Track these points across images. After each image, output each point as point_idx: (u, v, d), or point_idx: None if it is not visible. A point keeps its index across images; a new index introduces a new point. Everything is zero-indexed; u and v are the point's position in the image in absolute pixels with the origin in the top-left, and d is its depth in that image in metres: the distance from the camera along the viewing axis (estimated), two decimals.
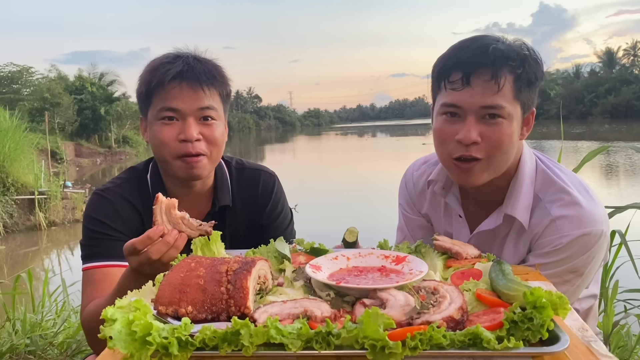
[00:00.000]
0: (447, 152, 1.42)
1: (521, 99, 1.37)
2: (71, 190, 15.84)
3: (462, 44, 1.40)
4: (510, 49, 1.35)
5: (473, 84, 1.33)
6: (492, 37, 1.40)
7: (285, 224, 1.81)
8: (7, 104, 24.60)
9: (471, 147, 1.36)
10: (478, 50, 1.34)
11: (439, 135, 1.43)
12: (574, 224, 1.37)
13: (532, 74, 1.36)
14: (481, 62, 1.33)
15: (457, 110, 1.37)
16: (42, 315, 3.39)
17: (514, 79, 1.34)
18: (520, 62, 1.34)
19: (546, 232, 1.41)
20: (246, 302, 0.93)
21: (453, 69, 1.36)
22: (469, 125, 1.35)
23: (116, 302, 0.89)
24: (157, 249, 1.20)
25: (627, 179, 17.02)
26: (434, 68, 1.45)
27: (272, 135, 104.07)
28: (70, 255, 10.73)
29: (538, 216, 1.44)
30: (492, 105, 1.33)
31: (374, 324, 0.78)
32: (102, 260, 1.52)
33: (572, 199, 1.41)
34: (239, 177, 1.75)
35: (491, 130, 1.36)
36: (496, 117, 1.35)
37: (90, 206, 1.61)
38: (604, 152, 3.47)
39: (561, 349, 0.79)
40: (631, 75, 77.70)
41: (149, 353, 0.79)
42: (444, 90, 1.39)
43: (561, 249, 1.37)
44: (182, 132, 1.50)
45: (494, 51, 1.33)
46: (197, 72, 1.51)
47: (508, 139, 1.37)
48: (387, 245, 1.33)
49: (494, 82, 1.32)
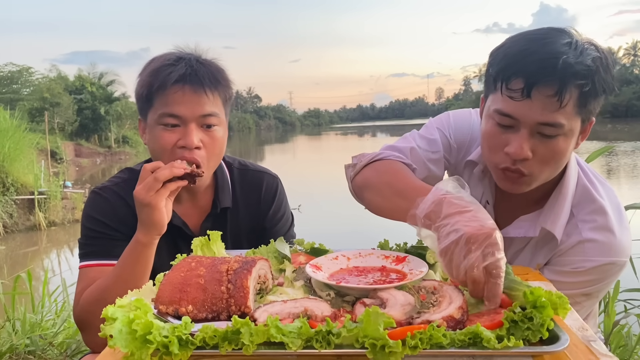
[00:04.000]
0: (494, 161, 1.33)
1: (584, 113, 1.25)
2: (71, 190, 15.83)
3: (529, 45, 1.23)
4: (582, 63, 1.19)
5: (534, 97, 1.20)
6: (562, 38, 1.22)
7: (287, 227, 1.81)
8: (7, 104, 24.60)
9: (520, 162, 1.26)
10: (546, 62, 1.19)
11: (489, 141, 1.33)
12: (602, 251, 1.31)
13: (600, 87, 1.23)
14: (546, 77, 1.18)
15: (512, 122, 1.26)
16: (42, 315, 3.39)
17: (579, 94, 1.21)
18: (590, 78, 1.20)
19: (571, 252, 1.34)
20: (246, 302, 0.93)
21: (514, 76, 1.22)
22: (522, 140, 1.24)
23: (116, 301, 0.89)
24: (162, 172, 1.34)
25: (628, 179, 17.02)
26: (492, 62, 1.30)
27: (272, 135, 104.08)
28: (70, 255, 10.73)
29: (567, 233, 1.36)
30: (551, 123, 1.22)
31: (374, 323, 0.78)
32: (98, 259, 1.52)
33: (606, 224, 1.33)
34: (242, 179, 1.74)
35: (545, 146, 1.25)
36: (553, 135, 1.23)
37: (89, 205, 1.60)
38: (606, 152, 3.46)
39: (561, 348, 0.79)
40: (631, 75, 77.77)
41: (150, 352, 0.79)
42: (500, 94, 1.26)
43: (582, 272, 1.32)
44: (183, 138, 1.48)
45: (564, 66, 1.18)
46: (201, 76, 1.48)
47: (561, 156, 1.27)
48: (387, 245, 1.33)
49: (557, 99, 1.19)
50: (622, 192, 13.82)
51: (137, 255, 1.37)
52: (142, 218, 1.37)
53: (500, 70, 1.26)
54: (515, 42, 1.27)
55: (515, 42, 1.28)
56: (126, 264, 1.38)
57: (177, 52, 1.57)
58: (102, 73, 44.92)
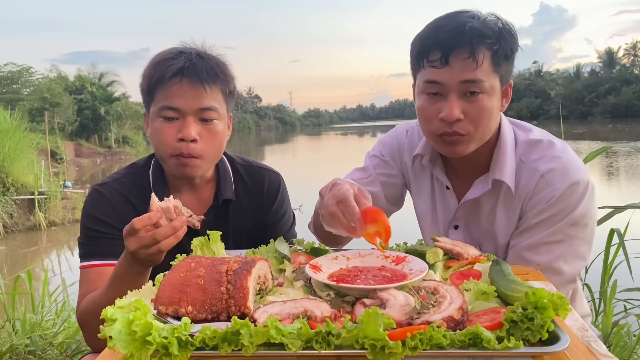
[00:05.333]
0: (432, 130, 1.46)
1: (499, 72, 1.41)
2: (71, 190, 15.82)
3: (439, 22, 1.43)
4: (486, 26, 1.38)
5: (452, 62, 1.37)
6: (467, 13, 1.42)
7: (289, 225, 1.81)
8: (7, 104, 24.60)
9: (454, 124, 1.40)
10: (455, 30, 1.37)
11: (423, 113, 1.47)
12: (563, 175, 1.42)
13: (507, 48, 1.40)
14: (458, 42, 1.36)
15: (439, 89, 1.41)
16: (42, 315, 3.39)
17: (492, 54, 1.38)
18: (496, 38, 1.38)
19: (538, 189, 1.45)
20: (246, 302, 0.93)
21: (432, 49, 1.39)
22: (452, 103, 1.39)
23: (116, 302, 0.89)
24: (163, 232, 1.21)
25: (628, 179, 17.01)
26: (412, 47, 1.48)
27: (272, 135, 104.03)
28: (70, 255, 10.72)
29: (526, 176, 1.48)
30: (472, 80, 1.37)
31: (374, 324, 0.78)
32: (97, 259, 1.52)
33: (555, 154, 1.47)
34: (245, 174, 1.75)
35: (473, 106, 1.40)
36: (476, 92, 1.39)
37: (88, 203, 1.60)
38: (604, 152, 3.47)
39: (561, 348, 0.79)
40: (631, 75, 77.68)
41: (149, 353, 0.79)
42: (424, 68, 1.43)
43: (556, 201, 1.41)
44: (181, 130, 1.49)
45: (471, 30, 1.36)
46: (199, 70, 1.49)
47: (489, 113, 1.42)
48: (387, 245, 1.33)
49: (472, 59, 1.36)
50: (622, 191, 13.80)
51: (131, 278, 1.30)
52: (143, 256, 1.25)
53: (420, 49, 1.44)
54: (428, 26, 1.46)
55: (427, 26, 1.46)
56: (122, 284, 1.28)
57: (180, 46, 1.58)
58: (102, 73, 44.98)
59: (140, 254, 1.23)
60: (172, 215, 1.24)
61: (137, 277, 1.30)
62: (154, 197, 1.25)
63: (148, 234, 1.21)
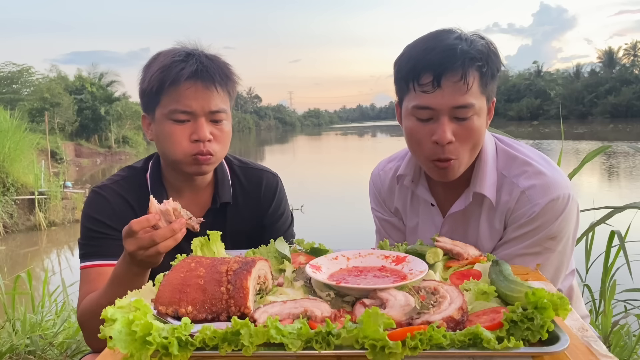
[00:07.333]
0: (424, 154, 1.46)
1: (486, 93, 1.43)
2: (71, 190, 15.82)
3: (427, 44, 1.41)
4: (475, 48, 1.38)
5: (444, 85, 1.36)
6: (453, 34, 1.42)
7: (287, 226, 1.81)
8: (7, 104, 24.60)
9: (447, 147, 1.40)
10: (445, 52, 1.36)
11: (414, 136, 1.46)
12: (543, 192, 1.43)
13: (494, 68, 1.42)
14: (450, 65, 1.35)
15: (431, 114, 1.40)
16: (42, 315, 3.39)
17: (480, 76, 1.39)
18: (485, 60, 1.39)
19: (518, 205, 1.46)
20: (246, 302, 0.93)
21: (423, 71, 1.38)
22: (444, 126, 1.38)
23: (116, 302, 0.89)
24: (162, 234, 1.21)
25: (628, 179, 17.01)
26: (399, 68, 1.46)
27: (272, 135, 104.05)
28: (70, 255, 10.72)
29: (507, 191, 1.49)
30: (463, 105, 1.37)
31: (374, 324, 0.78)
32: (97, 259, 1.52)
33: (536, 170, 1.48)
34: (242, 176, 1.75)
35: (464, 128, 1.40)
36: (467, 116, 1.39)
37: (88, 204, 1.61)
38: (604, 152, 3.47)
39: (561, 348, 0.79)
40: (631, 75, 77.68)
41: (149, 353, 0.79)
42: (414, 92, 1.41)
43: (535, 217, 1.43)
44: (195, 132, 1.51)
45: (462, 53, 1.36)
46: (212, 73, 1.52)
47: (478, 133, 1.43)
48: (387, 245, 1.33)
49: (463, 82, 1.36)
50: (622, 191, 13.81)
51: (130, 280, 1.30)
52: (142, 257, 1.25)
53: (409, 71, 1.41)
54: (415, 46, 1.44)
55: (414, 46, 1.44)
56: (120, 285, 1.29)
57: (182, 48, 1.58)
58: (102, 73, 44.94)
59: (138, 256, 1.23)
60: (171, 217, 1.23)
61: (135, 279, 1.30)
62: (152, 200, 1.24)
63: (146, 236, 1.21)
